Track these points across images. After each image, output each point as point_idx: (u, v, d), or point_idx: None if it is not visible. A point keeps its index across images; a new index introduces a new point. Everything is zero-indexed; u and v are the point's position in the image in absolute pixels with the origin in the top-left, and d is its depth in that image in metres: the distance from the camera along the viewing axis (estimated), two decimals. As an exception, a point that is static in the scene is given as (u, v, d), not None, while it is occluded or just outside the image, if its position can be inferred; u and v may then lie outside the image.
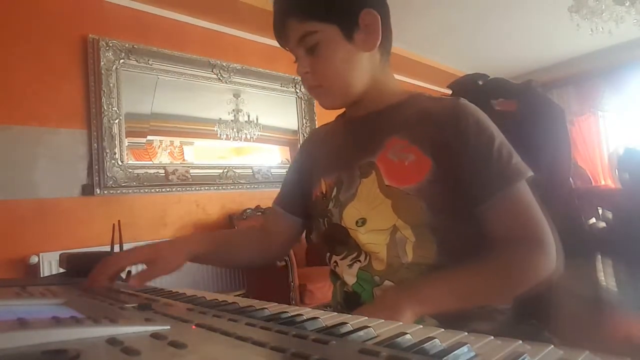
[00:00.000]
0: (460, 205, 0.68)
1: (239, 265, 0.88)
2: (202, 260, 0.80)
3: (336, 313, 0.45)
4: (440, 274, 0.65)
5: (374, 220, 0.70)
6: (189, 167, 2.92)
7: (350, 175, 0.75)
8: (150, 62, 2.80)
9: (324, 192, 0.79)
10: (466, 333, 0.34)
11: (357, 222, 0.72)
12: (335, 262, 0.78)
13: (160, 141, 2.85)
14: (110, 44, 2.62)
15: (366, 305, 0.62)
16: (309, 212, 0.86)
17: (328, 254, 0.80)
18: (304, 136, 3.63)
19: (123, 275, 0.90)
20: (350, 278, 0.74)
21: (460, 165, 0.67)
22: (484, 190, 0.66)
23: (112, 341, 0.30)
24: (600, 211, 3.06)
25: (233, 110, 3.22)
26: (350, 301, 0.75)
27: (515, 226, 0.66)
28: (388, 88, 0.78)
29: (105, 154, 2.52)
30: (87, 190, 2.46)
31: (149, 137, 2.79)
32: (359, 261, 0.73)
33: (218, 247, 0.83)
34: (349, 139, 0.81)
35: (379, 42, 0.74)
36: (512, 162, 0.67)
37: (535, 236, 0.64)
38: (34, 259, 2.19)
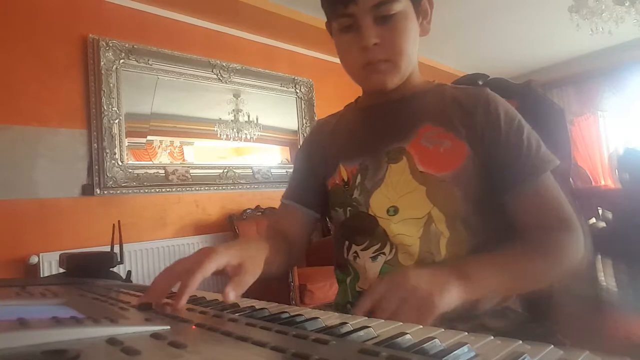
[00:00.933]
0: (491, 197, 0.68)
1: (269, 277, 0.74)
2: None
3: (337, 313, 0.45)
4: (485, 256, 0.62)
5: (407, 208, 0.67)
6: (189, 167, 2.92)
7: (377, 161, 0.71)
8: (150, 62, 2.79)
9: (346, 180, 0.75)
10: (466, 333, 0.34)
11: (388, 210, 0.68)
12: (356, 252, 0.72)
13: (160, 141, 2.85)
14: (110, 44, 2.62)
15: (398, 275, 0.53)
16: (323, 204, 0.82)
17: (347, 243, 0.74)
18: (304, 136, 3.62)
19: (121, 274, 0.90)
20: (372, 273, 0.70)
21: (492, 152, 0.67)
22: (514, 177, 0.66)
23: (112, 341, 0.30)
24: (600, 211, 3.06)
25: (233, 110, 3.22)
26: None
27: (547, 212, 0.65)
28: (415, 77, 0.76)
29: (105, 154, 2.51)
30: (87, 190, 2.46)
31: (149, 137, 2.79)
32: (384, 254, 0.69)
33: (268, 263, 0.68)
34: (372, 125, 0.77)
35: (429, 30, 0.74)
36: (541, 150, 0.67)
37: (566, 221, 0.64)
38: (34, 259, 2.19)
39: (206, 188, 2.98)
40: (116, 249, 0.94)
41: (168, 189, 2.78)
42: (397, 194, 0.68)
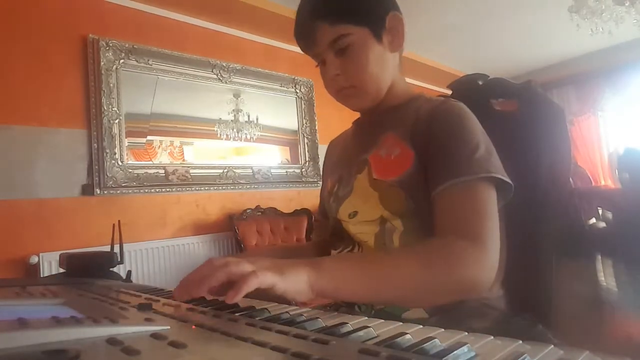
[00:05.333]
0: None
1: None
2: None
3: (336, 313, 0.45)
4: (354, 254, 0.71)
5: (364, 212, 0.74)
6: (189, 167, 2.92)
7: (349, 172, 0.79)
8: (150, 62, 2.79)
9: (329, 190, 0.85)
10: (466, 333, 0.34)
11: (349, 214, 0.76)
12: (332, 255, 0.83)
13: (160, 141, 2.84)
14: (110, 44, 2.61)
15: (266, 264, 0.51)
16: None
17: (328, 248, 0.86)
18: (304, 136, 3.63)
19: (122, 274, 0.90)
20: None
21: (428, 153, 0.69)
22: (438, 176, 0.65)
23: (112, 341, 0.30)
24: (600, 211, 3.06)
25: (233, 110, 3.22)
26: None
27: (459, 220, 0.61)
28: (399, 90, 0.81)
29: (105, 154, 2.51)
30: (87, 190, 2.46)
31: (149, 137, 2.79)
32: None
33: None
34: (355, 139, 0.87)
35: (404, 43, 0.78)
36: (476, 156, 0.64)
37: (477, 236, 0.59)
38: (34, 259, 2.19)
39: (206, 188, 2.97)
40: (116, 248, 0.94)
41: (168, 189, 2.78)
42: (360, 201, 0.75)
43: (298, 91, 3.66)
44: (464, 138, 0.66)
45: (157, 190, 2.73)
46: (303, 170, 3.57)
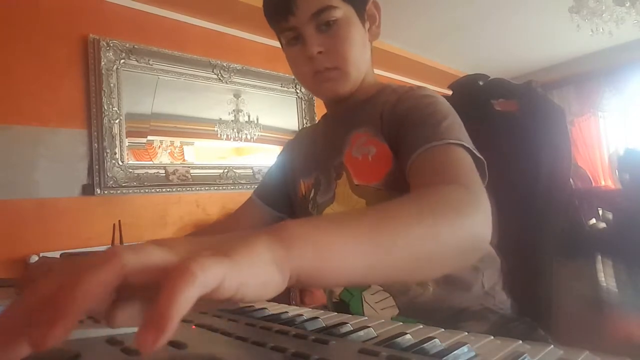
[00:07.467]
0: None
1: None
2: None
3: (336, 313, 0.45)
4: (335, 213, 0.63)
5: None
6: (189, 167, 2.92)
7: (327, 177, 0.73)
8: (150, 62, 2.79)
9: (304, 194, 0.78)
10: (466, 333, 0.34)
11: None
12: None
13: (161, 141, 2.84)
14: (111, 44, 2.61)
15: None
16: (291, 209, 0.85)
17: None
18: (304, 136, 3.63)
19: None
20: (337, 287, 0.72)
21: (398, 135, 0.64)
22: (411, 149, 0.58)
23: (112, 341, 0.30)
24: (600, 212, 3.06)
25: (233, 110, 3.22)
26: (340, 311, 0.74)
27: (443, 172, 0.53)
28: (369, 83, 0.76)
29: (105, 154, 2.51)
30: (87, 190, 2.46)
31: (149, 137, 2.79)
32: None
33: None
34: (325, 137, 0.79)
35: (379, 34, 0.74)
36: (445, 123, 0.59)
37: (470, 185, 0.49)
38: (34, 259, 2.19)
39: (206, 188, 2.98)
40: (116, 248, 0.94)
41: (168, 189, 2.78)
42: (343, 208, 0.69)
43: (298, 91, 3.66)
44: (430, 110, 0.62)
45: (158, 190, 2.74)
46: (303, 170, 3.58)
